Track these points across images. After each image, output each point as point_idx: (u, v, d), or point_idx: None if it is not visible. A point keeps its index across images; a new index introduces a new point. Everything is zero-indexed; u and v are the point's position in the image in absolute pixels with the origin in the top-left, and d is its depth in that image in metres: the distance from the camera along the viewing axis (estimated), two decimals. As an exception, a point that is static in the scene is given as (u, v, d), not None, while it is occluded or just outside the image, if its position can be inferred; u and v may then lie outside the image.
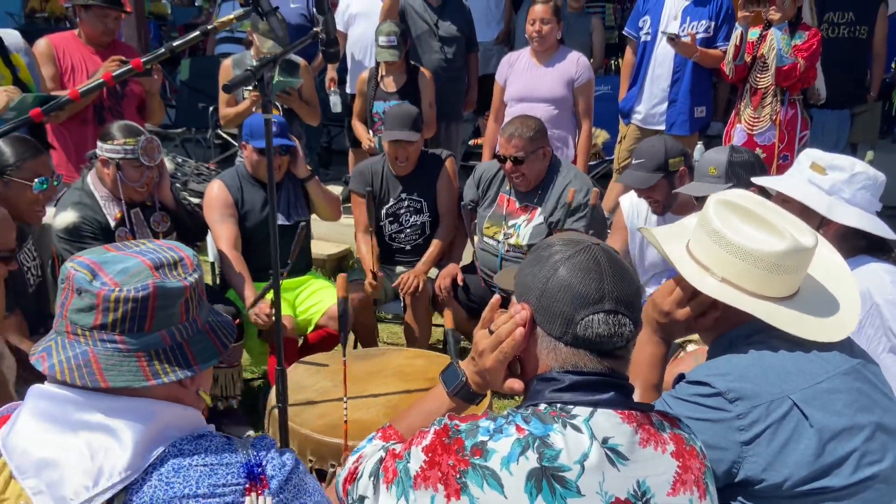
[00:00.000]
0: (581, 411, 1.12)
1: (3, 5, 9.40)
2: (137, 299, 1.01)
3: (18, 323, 2.41)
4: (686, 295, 1.46)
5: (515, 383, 1.23)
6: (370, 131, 4.37)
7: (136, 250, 1.08)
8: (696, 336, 2.03)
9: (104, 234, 2.85)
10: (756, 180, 2.25)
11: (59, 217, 2.81)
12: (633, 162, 2.96)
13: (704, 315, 1.46)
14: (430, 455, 1.11)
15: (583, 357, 1.15)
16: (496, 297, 1.30)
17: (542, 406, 1.14)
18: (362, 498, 1.19)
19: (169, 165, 3.15)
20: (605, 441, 1.10)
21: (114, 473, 0.97)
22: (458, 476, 1.08)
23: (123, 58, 3.33)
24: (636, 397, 1.49)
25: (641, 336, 1.54)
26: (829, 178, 1.90)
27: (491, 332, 1.23)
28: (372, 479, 1.18)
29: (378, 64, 4.28)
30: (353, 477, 1.24)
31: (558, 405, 1.13)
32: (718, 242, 1.40)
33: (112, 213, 2.89)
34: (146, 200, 2.98)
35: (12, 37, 3.27)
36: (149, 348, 1.03)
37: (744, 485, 1.31)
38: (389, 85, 4.26)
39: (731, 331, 1.44)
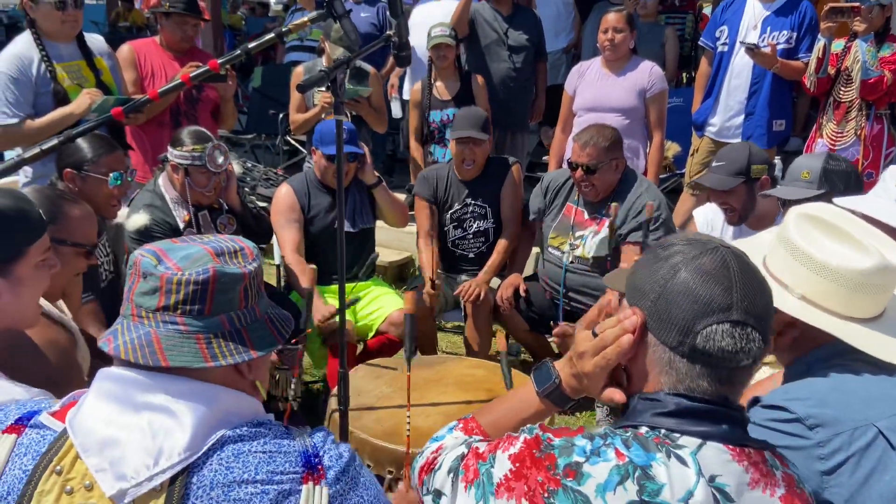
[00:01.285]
0: (688, 441, 1.01)
1: (89, 14, 9.83)
2: (198, 282, 1.05)
3: (96, 312, 2.48)
4: None
5: (616, 394, 1.11)
6: (430, 144, 4.33)
7: (200, 241, 1.12)
8: (770, 358, 1.92)
9: (173, 236, 2.91)
10: (837, 201, 2.11)
11: (132, 219, 2.90)
12: (714, 164, 2.86)
13: (782, 334, 1.36)
14: (517, 465, 1.04)
15: (698, 377, 1.02)
16: (606, 298, 1.19)
17: (644, 430, 1.03)
18: (439, 493, 1.14)
19: (238, 170, 3.21)
20: (712, 479, 0.99)
21: (173, 454, 0.99)
22: (546, 495, 1.00)
23: (200, 63, 3.42)
24: None
25: None
26: None
27: (596, 335, 1.12)
28: (451, 475, 1.13)
29: (430, 72, 4.26)
30: (430, 467, 1.19)
31: (662, 431, 1.02)
32: (798, 258, 1.32)
33: (181, 216, 2.96)
34: (213, 203, 3.05)
35: (96, 41, 3.40)
36: (208, 331, 1.06)
37: None
38: (443, 93, 4.22)
39: (810, 353, 1.35)
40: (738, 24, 4.17)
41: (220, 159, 2.91)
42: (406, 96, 4.95)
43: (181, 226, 2.95)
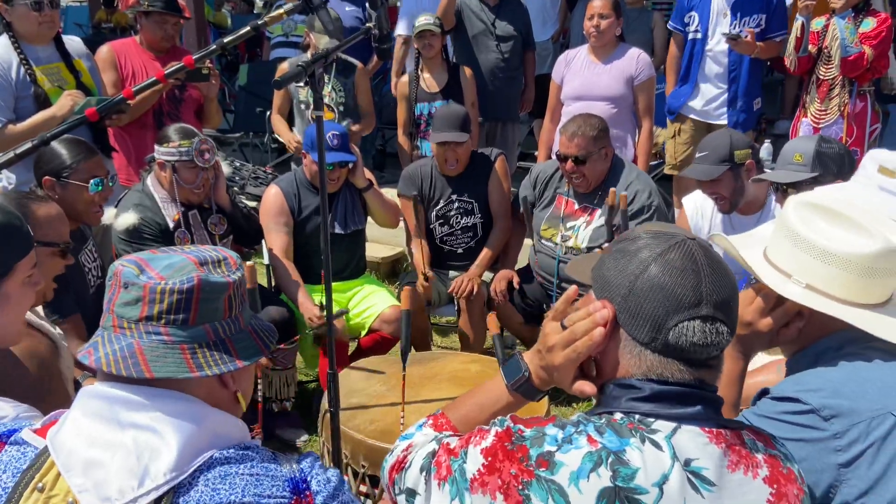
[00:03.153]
0: (663, 426, 1.01)
1: (72, 17, 9.77)
2: (182, 291, 1.03)
3: (77, 327, 2.44)
4: (768, 304, 1.34)
5: (587, 386, 1.11)
6: (416, 138, 4.29)
7: (181, 251, 1.11)
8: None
9: (163, 236, 2.89)
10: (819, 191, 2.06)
11: (120, 218, 2.86)
12: (697, 155, 2.83)
13: (788, 326, 1.34)
14: (489, 459, 1.03)
15: (671, 366, 1.03)
16: (573, 289, 1.18)
17: (618, 416, 1.03)
18: (412, 492, 1.14)
19: (227, 169, 3.17)
20: (687, 463, 0.99)
21: (158, 475, 0.97)
22: (520, 487, 1.00)
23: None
24: None
25: None
26: None
27: (564, 327, 1.11)
28: (423, 473, 1.12)
29: (418, 64, 4.23)
30: (400, 466, 1.18)
31: (636, 416, 1.02)
32: (801, 246, 1.29)
33: (170, 215, 2.92)
34: (203, 203, 3.01)
35: (74, 42, 3.36)
36: (192, 341, 1.04)
37: None
38: (431, 85, 4.18)
39: (818, 342, 1.32)
40: (709, 11, 4.15)
41: (207, 154, 2.88)
42: None
43: (171, 225, 2.91)
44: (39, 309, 1.85)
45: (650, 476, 0.97)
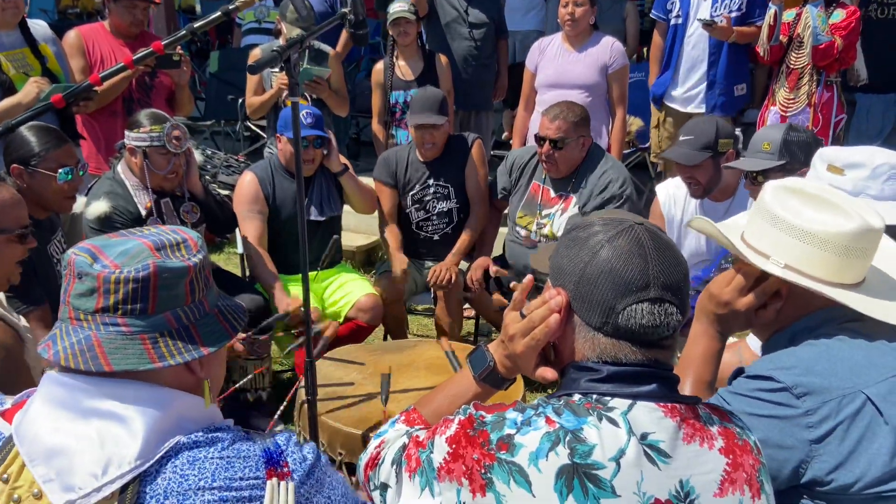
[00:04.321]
0: (619, 403, 1.04)
1: (37, 2, 9.52)
2: (138, 279, 0.99)
3: (44, 318, 2.40)
4: (748, 283, 1.37)
5: (548, 372, 1.15)
6: (391, 126, 4.27)
7: (138, 234, 1.06)
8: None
9: (136, 224, 2.84)
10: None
11: (92, 207, 2.81)
12: (681, 138, 2.84)
13: (766, 307, 1.37)
14: (453, 447, 1.06)
15: (623, 348, 1.06)
16: (529, 278, 1.22)
17: (577, 397, 1.06)
18: (385, 486, 1.16)
19: (199, 158, 3.12)
20: (643, 437, 1.02)
21: (123, 463, 0.94)
22: (483, 471, 1.02)
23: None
24: (687, 393, 1.41)
25: (695, 329, 1.46)
26: (850, 178, 1.73)
27: (523, 316, 1.15)
28: (394, 466, 1.14)
29: (393, 51, 4.21)
30: (374, 462, 1.20)
31: (594, 396, 1.05)
32: (779, 227, 1.31)
33: (142, 203, 2.88)
34: (175, 190, 2.97)
35: (40, 27, 3.29)
36: (153, 330, 1.00)
37: (810, 485, 1.23)
38: (406, 73, 4.15)
39: (793, 323, 1.35)
40: None
41: (181, 138, 2.83)
42: None
43: (143, 213, 2.87)
44: (3, 300, 1.81)
45: (607, 451, 1.00)
